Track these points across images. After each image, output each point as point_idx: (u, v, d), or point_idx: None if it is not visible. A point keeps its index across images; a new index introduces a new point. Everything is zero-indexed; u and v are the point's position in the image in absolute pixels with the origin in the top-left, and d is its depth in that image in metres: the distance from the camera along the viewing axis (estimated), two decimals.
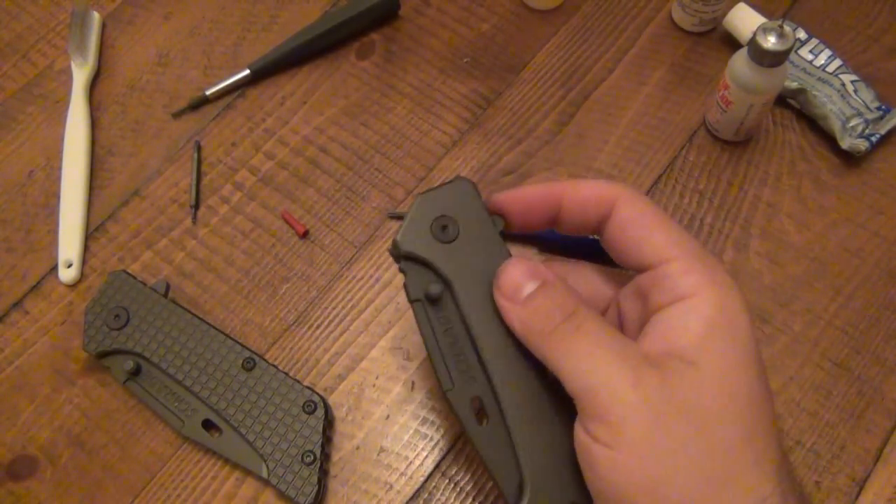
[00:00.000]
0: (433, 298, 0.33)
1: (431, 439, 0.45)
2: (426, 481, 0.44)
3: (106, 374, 0.47)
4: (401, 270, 0.34)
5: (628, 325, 0.33)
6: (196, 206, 0.53)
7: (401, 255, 0.33)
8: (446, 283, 0.33)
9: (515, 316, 0.31)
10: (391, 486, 0.44)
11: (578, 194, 0.33)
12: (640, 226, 0.31)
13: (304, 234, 0.51)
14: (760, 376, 0.29)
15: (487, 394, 0.33)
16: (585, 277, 0.36)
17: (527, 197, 0.34)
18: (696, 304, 0.29)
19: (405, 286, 0.34)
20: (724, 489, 0.27)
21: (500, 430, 0.32)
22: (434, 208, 0.33)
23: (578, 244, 0.48)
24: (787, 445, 0.44)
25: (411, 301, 0.33)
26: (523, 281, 0.31)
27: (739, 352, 0.29)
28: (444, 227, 0.33)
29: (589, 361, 0.29)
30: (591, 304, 0.33)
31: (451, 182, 0.34)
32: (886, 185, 0.51)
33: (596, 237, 0.34)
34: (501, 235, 0.34)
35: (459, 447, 0.45)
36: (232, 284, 0.50)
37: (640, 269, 0.32)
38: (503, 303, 0.31)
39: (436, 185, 0.33)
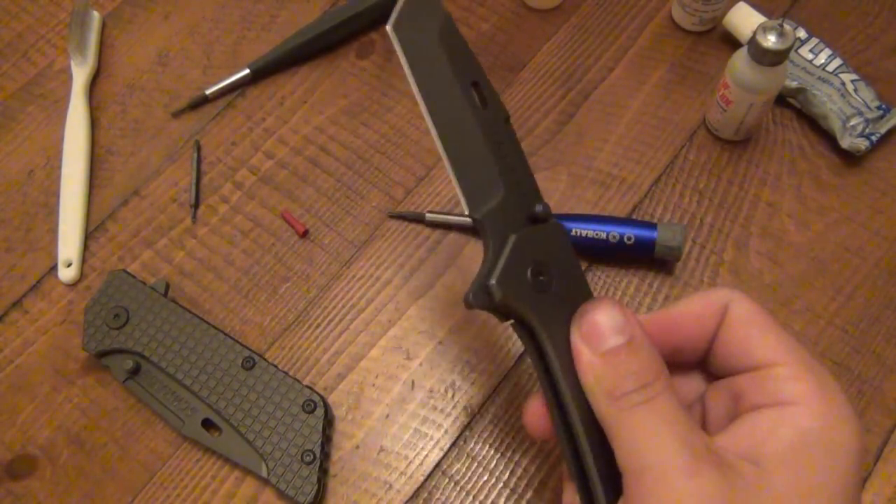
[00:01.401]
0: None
1: (431, 438, 0.45)
2: (426, 480, 0.44)
3: (106, 373, 0.47)
4: (500, 315, 0.30)
5: (711, 422, 0.30)
6: (196, 206, 0.53)
7: (494, 304, 0.29)
8: (536, 338, 0.29)
9: (589, 365, 0.28)
10: (391, 486, 0.44)
11: (691, 311, 0.30)
12: (751, 325, 0.29)
13: (304, 234, 0.51)
14: None
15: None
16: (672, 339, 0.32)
17: (653, 328, 0.30)
18: (795, 413, 0.26)
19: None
20: None
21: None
22: (528, 251, 0.29)
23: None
24: None
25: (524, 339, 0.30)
26: (609, 331, 0.28)
27: (829, 479, 0.25)
28: (539, 274, 0.29)
29: (649, 439, 0.26)
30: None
31: (543, 222, 0.31)
32: (886, 185, 0.51)
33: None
34: None
35: (459, 446, 0.45)
36: (232, 284, 0.50)
37: (744, 371, 0.29)
38: (579, 345, 0.28)
39: (525, 223, 0.30)
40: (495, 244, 0.29)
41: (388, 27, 0.30)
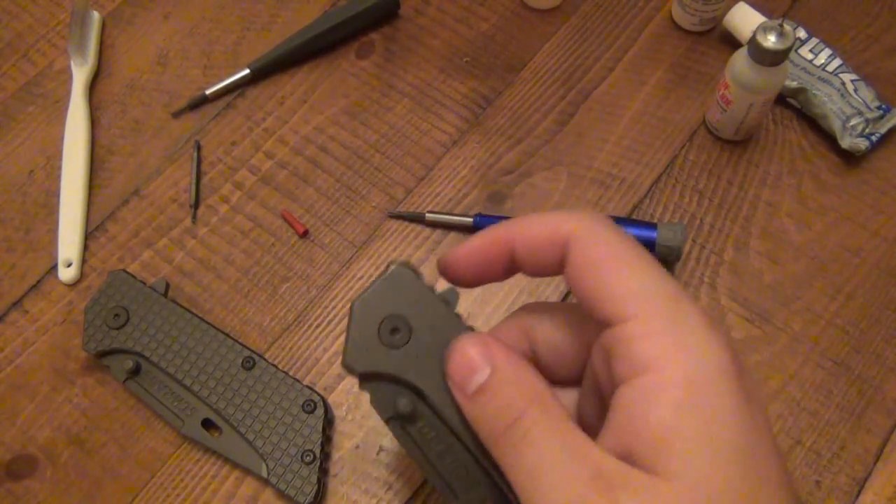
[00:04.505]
0: (406, 416, 0.29)
1: None
2: (426, 481, 0.44)
3: (105, 373, 0.47)
4: (362, 388, 0.30)
5: (603, 386, 0.28)
6: (196, 206, 0.53)
7: (357, 377, 0.29)
8: (415, 391, 0.29)
9: (466, 411, 0.27)
10: (391, 486, 0.44)
11: (527, 236, 0.28)
12: (594, 271, 0.25)
13: (304, 234, 0.51)
14: (761, 458, 0.22)
15: (497, 497, 0.29)
16: (561, 323, 0.30)
17: (474, 253, 0.29)
18: (658, 384, 0.23)
19: (373, 405, 0.30)
20: None
21: None
22: (376, 312, 0.29)
23: None
24: (786, 445, 0.44)
25: (384, 420, 0.30)
26: (473, 367, 0.26)
27: (720, 442, 0.22)
28: (394, 330, 0.29)
29: (533, 480, 0.24)
30: (566, 355, 0.29)
31: (385, 275, 0.30)
32: (886, 185, 0.51)
33: None
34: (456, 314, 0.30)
35: None
36: (232, 284, 0.50)
37: (605, 324, 0.25)
38: (455, 393, 0.27)
39: (369, 284, 0.30)
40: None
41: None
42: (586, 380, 0.29)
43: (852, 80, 0.52)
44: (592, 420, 0.29)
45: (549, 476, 0.23)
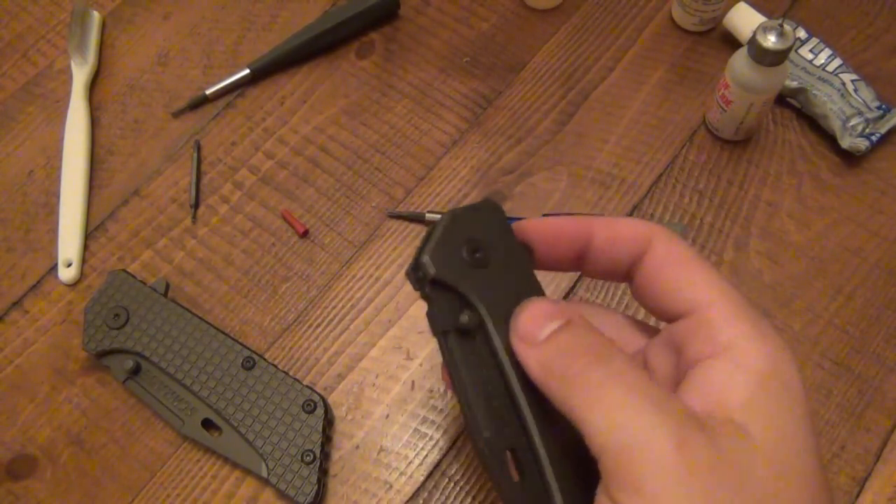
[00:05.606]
0: (465, 330, 0.28)
1: (431, 438, 0.45)
2: (426, 480, 0.44)
3: (105, 373, 0.47)
4: (424, 297, 0.29)
5: (660, 383, 0.28)
6: (196, 206, 0.53)
7: (427, 280, 0.28)
8: (477, 315, 0.28)
9: (533, 359, 0.26)
10: (391, 486, 0.44)
11: (612, 230, 0.30)
12: (677, 265, 0.28)
13: (304, 234, 0.51)
14: (816, 452, 0.25)
15: (523, 446, 0.28)
16: (611, 323, 0.32)
17: (555, 228, 0.31)
18: (743, 358, 0.25)
19: (430, 316, 0.28)
20: None
21: (537, 489, 0.27)
22: (465, 228, 0.29)
23: None
24: None
25: (437, 333, 0.28)
26: (543, 322, 0.27)
27: (794, 420, 0.24)
28: (476, 251, 0.28)
29: (622, 413, 0.23)
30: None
31: (479, 203, 0.30)
32: (886, 185, 0.51)
33: None
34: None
35: (459, 446, 0.45)
36: (231, 284, 0.50)
37: (676, 316, 0.28)
38: (519, 347, 0.27)
39: (459, 207, 0.30)
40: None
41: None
42: None
43: (852, 80, 0.52)
44: None
45: (642, 412, 0.23)
